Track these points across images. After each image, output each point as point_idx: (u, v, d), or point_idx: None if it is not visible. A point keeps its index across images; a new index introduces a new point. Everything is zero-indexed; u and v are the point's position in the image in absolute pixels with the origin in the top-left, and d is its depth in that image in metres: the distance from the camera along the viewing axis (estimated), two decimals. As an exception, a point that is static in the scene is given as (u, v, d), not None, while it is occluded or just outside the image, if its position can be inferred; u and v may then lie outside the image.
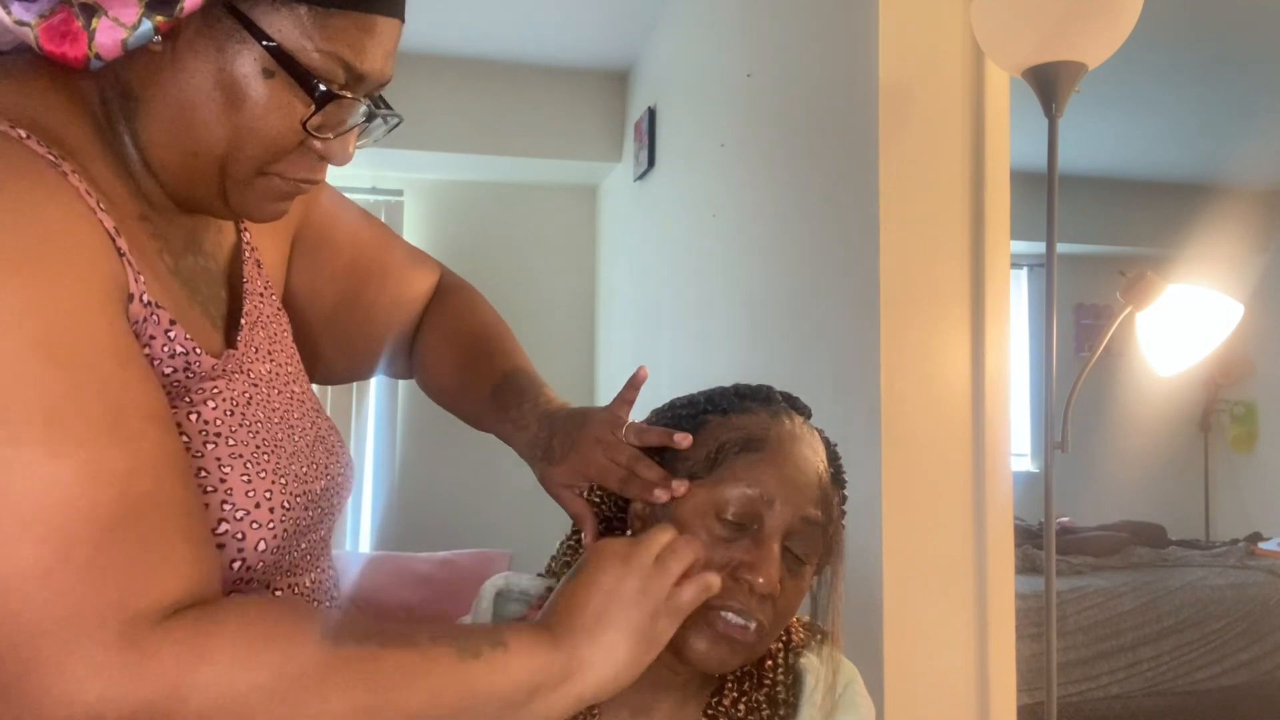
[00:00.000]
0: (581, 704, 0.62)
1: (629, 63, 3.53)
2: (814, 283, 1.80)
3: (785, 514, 0.73)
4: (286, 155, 0.64)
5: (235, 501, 0.62)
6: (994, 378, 1.56)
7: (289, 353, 0.79)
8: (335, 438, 0.79)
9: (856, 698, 0.82)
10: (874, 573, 1.50)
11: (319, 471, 0.73)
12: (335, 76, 0.62)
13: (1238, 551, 3.76)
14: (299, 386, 0.77)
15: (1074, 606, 3.17)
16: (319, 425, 0.77)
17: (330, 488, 0.74)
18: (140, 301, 0.59)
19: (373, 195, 3.82)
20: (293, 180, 0.66)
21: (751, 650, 0.74)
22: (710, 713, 0.78)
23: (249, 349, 0.72)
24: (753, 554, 0.71)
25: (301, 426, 0.74)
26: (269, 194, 0.67)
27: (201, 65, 0.60)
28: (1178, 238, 4.49)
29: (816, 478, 0.76)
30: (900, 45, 1.55)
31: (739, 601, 0.71)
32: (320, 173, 0.68)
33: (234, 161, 0.63)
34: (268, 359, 0.74)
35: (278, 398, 0.73)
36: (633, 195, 3.40)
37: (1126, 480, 4.70)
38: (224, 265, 0.76)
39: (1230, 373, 5.18)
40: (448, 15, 3.12)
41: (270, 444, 0.68)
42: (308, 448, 0.73)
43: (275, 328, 0.78)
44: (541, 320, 3.97)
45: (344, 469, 0.77)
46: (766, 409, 0.79)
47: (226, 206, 0.66)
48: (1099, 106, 3.67)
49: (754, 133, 2.18)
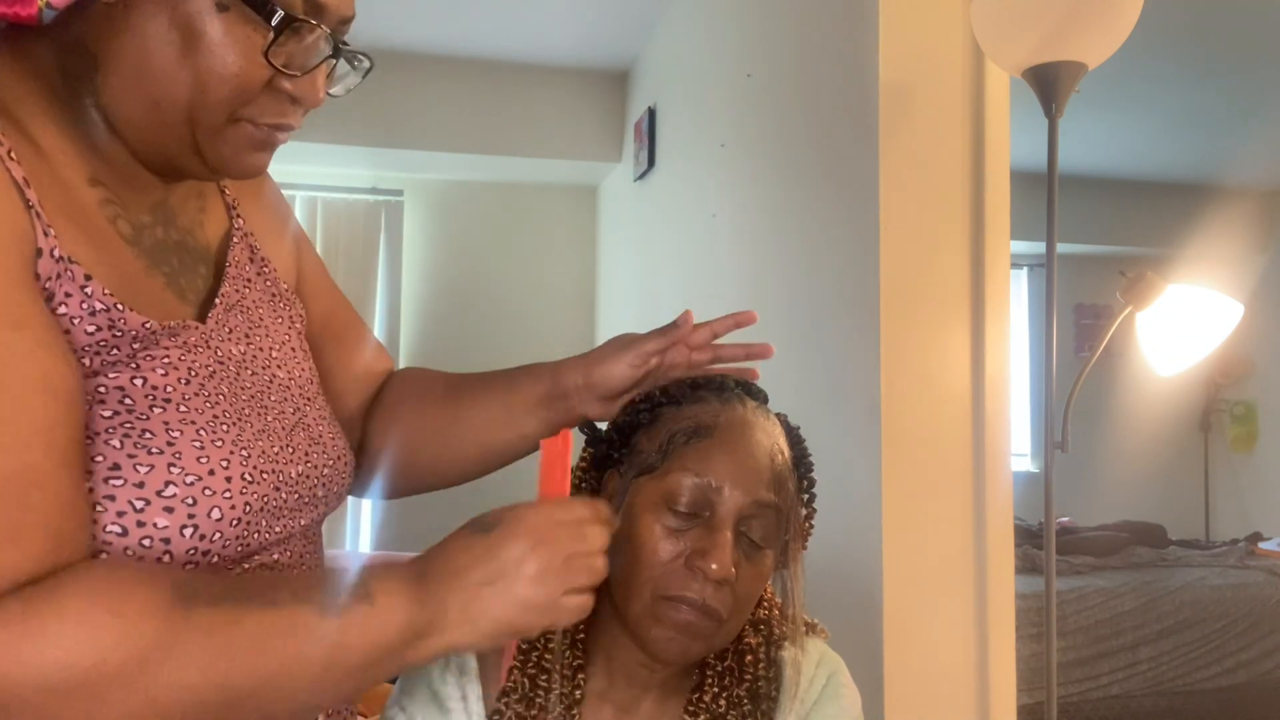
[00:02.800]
0: (438, 657, 0.62)
1: (629, 63, 3.53)
2: (814, 283, 1.80)
3: (736, 499, 0.72)
4: (254, 97, 0.63)
5: (184, 466, 0.60)
6: (994, 378, 1.56)
7: (279, 340, 0.77)
8: (326, 429, 0.76)
9: (840, 688, 0.81)
10: (874, 573, 1.50)
11: (296, 455, 0.70)
12: (292, 5, 0.61)
13: (1238, 551, 3.76)
14: (284, 373, 0.75)
15: (1074, 606, 3.17)
16: (305, 413, 0.74)
17: (310, 475, 0.72)
18: (50, 256, 0.56)
19: (373, 195, 3.82)
20: (265, 126, 0.65)
21: (712, 638, 0.73)
22: (691, 709, 0.77)
23: (220, 328, 0.70)
24: (705, 541, 0.71)
25: (279, 410, 0.71)
26: (244, 143, 0.65)
27: (154, 9, 0.59)
28: (1178, 238, 4.50)
29: (769, 461, 0.75)
30: (900, 45, 1.55)
31: (694, 590, 0.70)
32: (294, 116, 0.66)
33: (201, 108, 0.61)
34: (244, 341, 0.72)
35: (250, 379, 0.70)
36: (633, 195, 3.40)
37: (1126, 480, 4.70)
38: (209, 246, 0.75)
39: (1230, 373, 5.18)
40: (448, 15, 3.12)
41: (232, 416, 0.66)
42: (284, 430, 0.71)
43: (263, 313, 0.76)
44: (541, 320, 3.98)
45: (332, 461, 0.75)
46: (718, 396, 0.79)
47: (203, 163, 0.65)
48: (1099, 106, 3.67)
49: (754, 133, 2.18)
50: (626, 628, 0.74)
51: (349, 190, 3.81)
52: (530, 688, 0.75)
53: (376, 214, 3.83)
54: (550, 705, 0.74)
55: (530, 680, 0.75)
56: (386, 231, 3.84)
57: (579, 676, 0.76)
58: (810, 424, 1.91)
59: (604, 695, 0.78)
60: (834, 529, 1.64)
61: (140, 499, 0.58)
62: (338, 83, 0.69)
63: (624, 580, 0.73)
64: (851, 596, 1.56)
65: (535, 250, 4.03)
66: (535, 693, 0.75)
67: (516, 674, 0.76)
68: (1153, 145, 4.37)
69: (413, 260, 3.92)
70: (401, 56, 3.37)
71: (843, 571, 1.59)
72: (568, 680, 0.75)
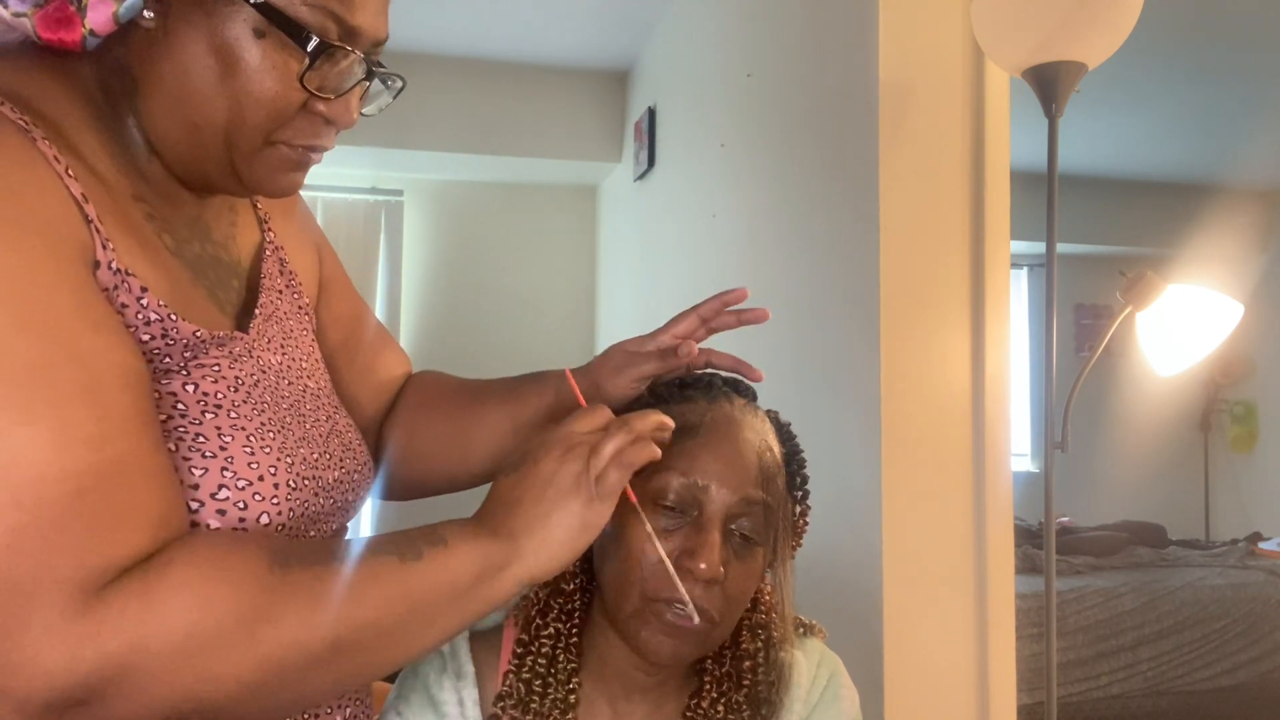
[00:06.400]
0: (521, 587, 0.63)
1: (629, 63, 3.53)
2: (814, 282, 1.80)
3: (723, 497, 0.72)
4: (290, 120, 0.64)
5: (236, 470, 0.62)
6: (994, 378, 1.56)
7: (306, 351, 0.79)
8: (354, 436, 0.79)
9: (841, 689, 0.81)
10: (874, 573, 1.50)
11: (332, 461, 0.73)
12: (327, 31, 0.62)
13: (1238, 551, 3.76)
14: (314, 383, 0.77)
15: (1074, 606, 3.17)
16: (336, 421, 0.77)
17: (345, 480, 0.74)
18: (109, 269, 0.59)
19: (373, 195, 3.83)
20: (300, 148, 0.66)
21: (703, 639, 0.72)
22: (689, 714, 0.77)
23: (261, 338, 0.72)
24: (693, 540, 0.71)
25: (315, 418, 0.74)
26: (279, 164, 0.67)
27: (193, 34, 0.60)
28: (1178, 238, 4.50)
29: (757, 458, 0.75)
30: (900, 45, 1.55)
31: (684, 591, 0.70)
32: (327, 138, 0.68)
33: (238, 131, 0.63)
34: (280, 352, 0.74)
35: (288, 388, 0.73)
36: (633, 195, 3.40)
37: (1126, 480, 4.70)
38: (243, 261, 0.77)
39: (1230, 373, 5.18)
40: (448, 15, 3.13)
41: (276, 424, 0.68)
42: (321, 438, 0.73)
43: (292, 325, 0.78)
44: (541, 320, 3.98)
45: (360, 466, 0.78)
46: (705, 395, 0.79)
47: (238, 182, 0.67)
48: (1099, 106, 3.67)
49: (754, 133, 2.18)
50: (618, 630, 0.74)
51: (349, 190, 3.81)
52: (525, 693, 0.75)
53: (376, 214, 3.83)
54: (545, 709, 0.74)
55: (525, 685, 0.75)
56: (386, 231, 3.84)
57: (573, 681, 0.76)
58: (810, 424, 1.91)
59: (599, 699, 0.78)
60: (834, 529, 1.64)
61: (195, 501, 0.60)
62: (370, 102, 0.70)
63: (614, 583, 0.73)
64: (851, 596, 1.55)
65: (535, 250, 4.03)
66: (530, 697, 0.75)
67: (512, 679, 0.76)
68: (1153, 145, 4.37)
69: (413, 260, 3.92)
70: (402, 57, 3.37)
71: (843, 571, 1.59)
72: (562, 685, 0.75)
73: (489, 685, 0.77)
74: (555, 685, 0.75)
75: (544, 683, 0.75)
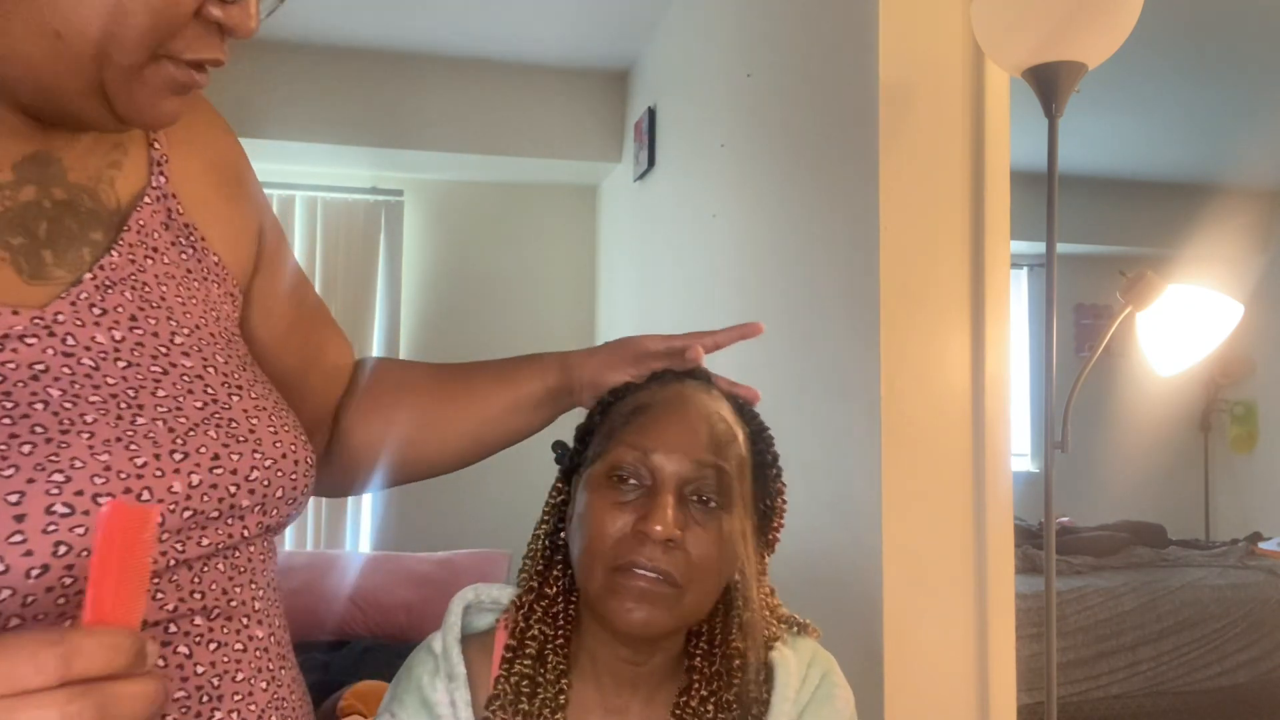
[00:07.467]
0: None
1: (629, 63, 3.53)
2: (814, 283, 1.80)
3: (674, 463, 0.73)
4: (181, 28, 0.53)
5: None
6: (994, 378, 1.56)
7: (188, 322, 0.63)
8: (263, 424, 0.64)
9: (834, 688, 0.81)
10: (874, 573, 1.50)
11: (186, 464, 0.57)
12: None
13: (1238, 551, 3.76)
14: (193, 361, 0.62)
15: (1074, 606, 3.17)
16: (224, 407, 0.62)
17: (218, 484, 0.58)
18: None
19: (373, 195, 3.83)
20: (189, 64, 0.55)
21: (673, 605, 0.72)
22: (678, 711, 0.77)
23: (85, 310, 0.57)
24: (646, 506, 0.72)
25: (167, 407, 0.58)
26: (163, 84, 0.55)
27: None
28: (1178, 238, 4.50)
29: (707, 425, 0.76)
30: (900, 45, 1.55)
31: (644, 555, 0.71)
32: (222, 52, 0.57)
33: (117, 42, 0.51)
34: (124, 326, 0.59)
35: (117, 371, 0.57)
36: (633, 195, 3.40)
37: (1126, 480, 4.70)
38: (118, 207, 0.62)
39: (1230, 373, 5.18)
40: (448, 15, 3.12)
41: (39, 431, 0.51)
42: (166, 433, 0.57)
43: (167, 291, 0.63)
44: (541, 320, 3.98)
45: (270, 461, 0.63)
46: (658, 381, 0.82)
47: (108, 110, 0.54)
48: (1099, 106, 3.67)
49: (754, 133, 2.18)
50: (595, 614, 0.75)
51: (349, 190, 3.81)
52: (515, 695, 0.75)
53: (376, 214, 3.83)
54: (535, 710, 0.75)
55: (514, 688, 0.75)
56: (386, 231, 3.83)
57: (563, 681, 0.76)
58: (810, 424, 1.91)
59: (590, 699, 0.78)
60: (834, 529, 1.64)
61: None
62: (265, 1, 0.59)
63: (582, 564, 0.74)
64: (851, 596, 1.55)
65: (535, 250, 4.03)
66: (520, 699, 0.75)
67: (501, 681, 0.76)
68: (1153, 145, 4.37)
69: (413, 260, 3.92)
70: (402, 57, 3.37)
71: (842, 572, 1.59)
72: (552, 685, 0.76)
73: (481, 687, 0.77)
74: (545, 686, 0.75)
75: (533, 684, 0.75)
